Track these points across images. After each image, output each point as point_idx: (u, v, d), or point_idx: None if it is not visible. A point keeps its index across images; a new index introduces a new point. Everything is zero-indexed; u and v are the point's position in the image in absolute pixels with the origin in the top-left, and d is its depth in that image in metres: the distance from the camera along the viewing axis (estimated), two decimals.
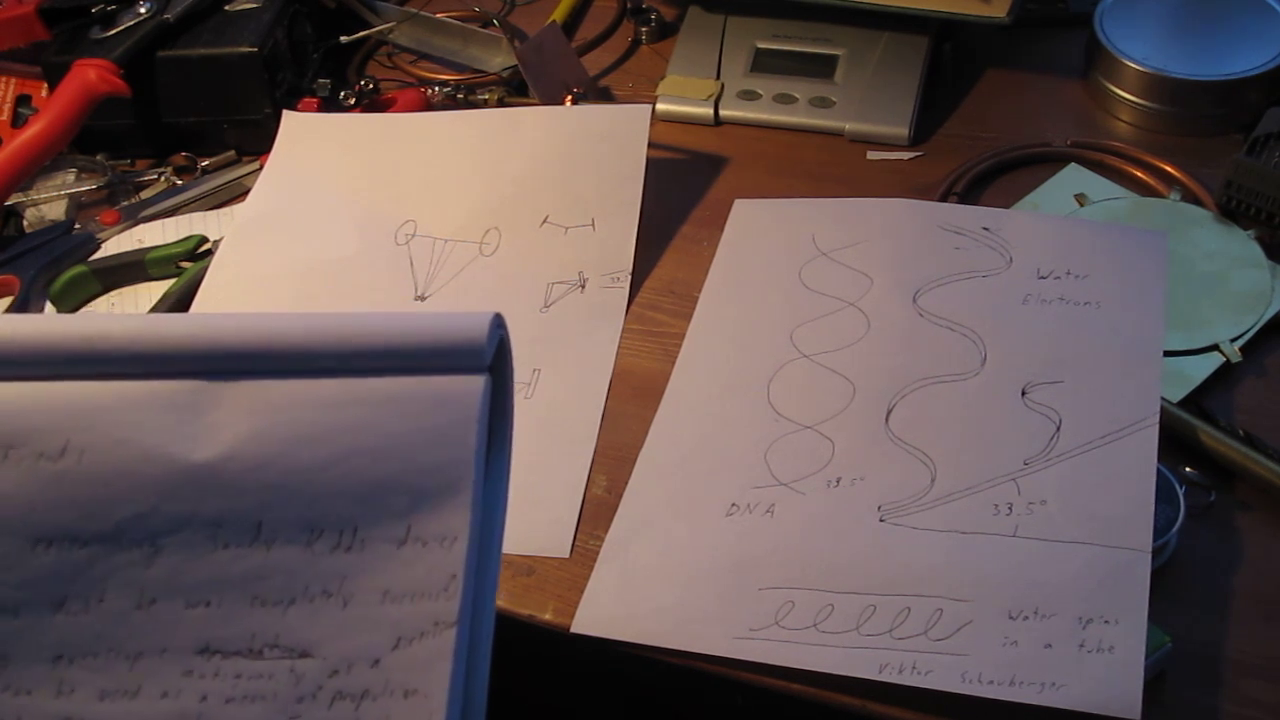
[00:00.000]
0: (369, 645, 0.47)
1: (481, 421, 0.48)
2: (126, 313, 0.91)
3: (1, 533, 0.48)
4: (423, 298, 0.87)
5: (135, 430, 0.48)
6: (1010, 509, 0.68)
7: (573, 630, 0.69)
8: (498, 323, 0.49)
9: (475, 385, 0.48)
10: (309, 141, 0.96)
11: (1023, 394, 0.72)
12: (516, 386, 0.81)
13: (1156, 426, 0.69)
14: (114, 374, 0.49)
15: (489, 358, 0.49)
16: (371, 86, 1.02)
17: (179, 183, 1.01)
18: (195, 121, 1.01)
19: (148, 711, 0.48)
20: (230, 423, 0.48)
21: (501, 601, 0.71)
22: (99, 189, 1.01)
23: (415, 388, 0.48)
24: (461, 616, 0.47)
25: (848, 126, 0.97)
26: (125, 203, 1.00)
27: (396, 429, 0.48)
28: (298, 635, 0.48)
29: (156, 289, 0.93)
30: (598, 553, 0.72)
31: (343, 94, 1.01)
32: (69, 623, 0.48)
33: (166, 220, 0.98)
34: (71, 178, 1.03)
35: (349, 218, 0.92)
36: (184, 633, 0.48)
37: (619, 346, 0.83)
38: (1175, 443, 0.73)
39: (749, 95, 1.00)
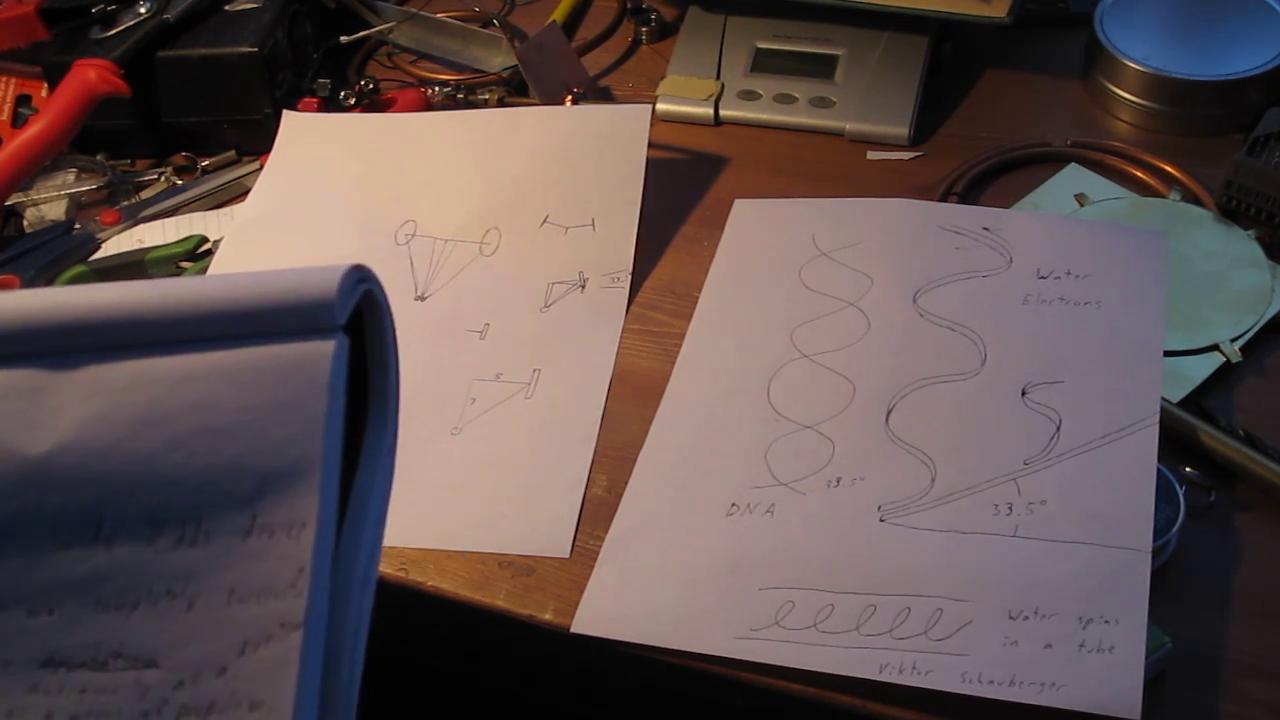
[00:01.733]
0: (215, 652, 0.43)
1: (334, 390, 0.42)
2: None
3: None
4: (423, 298, 0.87)
5: None
6: (1010, 509, 0.68)
7: (573, 630, 0.69)
8: (357, 275, 0.43)
9: (324, 350, 0.42)
10: (309, 141, 0.96)
11: (1023, 394, 0.72)
12: (516, 386, 0.81)
13: (1156, 426, 0.69)
14: None
15: (343, 316, 0.43)
16: (371, 86, 1.02)
17: (179, 183, 1.01)
18: (195, 121, 1.01)
19: None
20: (69, 408, 0.44)
21: (501, 601, 0.71)
22: (99, 189, 1.01)
23: (262, 356, 0.43)
24: (310, 617, 0.42)
25: (848, 126, 0.97)
26: (125, 203, 1.00)
27: (241, 403, 0.43)
28: (143, 643, 0.44)
29: None
30: (598, 553, 0.72)
31: (343, 94, 1.01)
32: None
33: (166, 220, 0.98)
34: (71, 178, 1.03)
35: (349, 218, 0.92)
36: (28, 644, 0.44)
37: (619, 346, 0.83)
38: (1175, 443, 0.73)
39: (749, 95, 1.00)
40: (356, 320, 0.44)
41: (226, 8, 1.01)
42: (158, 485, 0.44)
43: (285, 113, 0.97)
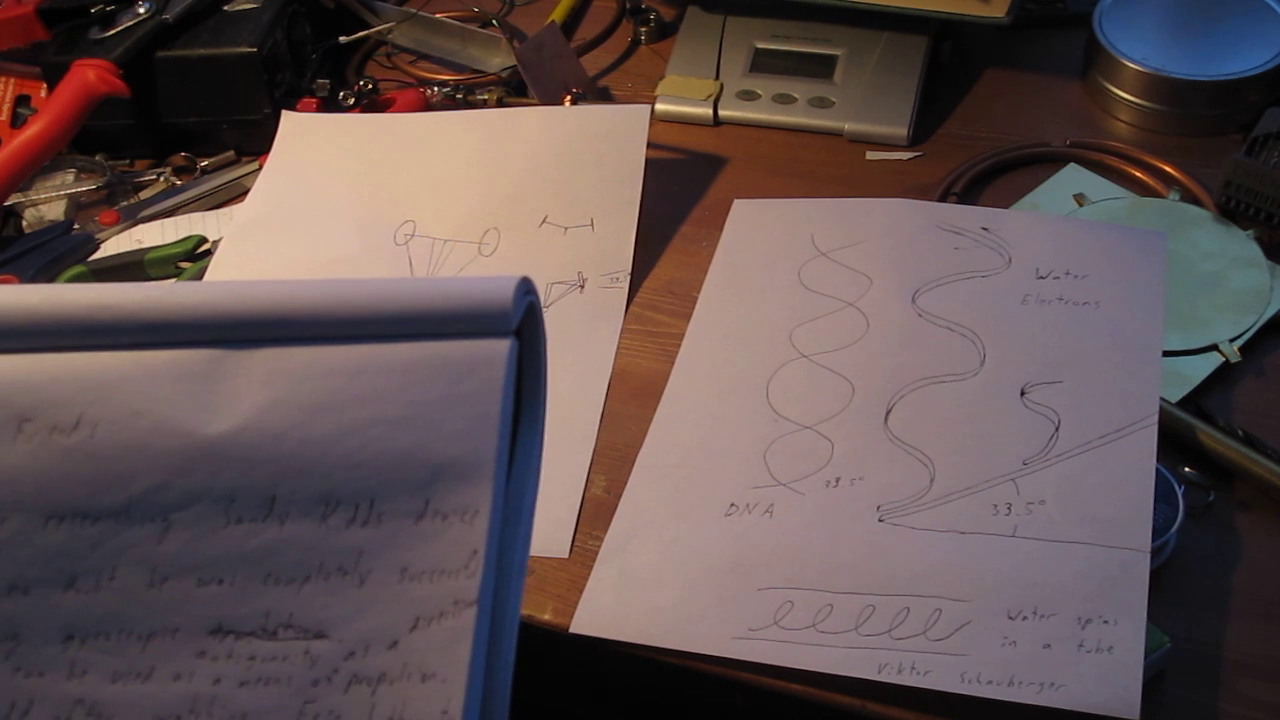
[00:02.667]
0: (386, 625, 0.45)
1: (507, 388, 0.46)
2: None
3: (14, 509, 0.47)
4: None
5: (149, 402, 0.47)
6: (1009, 509, 0.68)
7: (572, 630, 0.69)
8: (525, 287, 0.47)
9: (500, 350, 0.46)
10: (308, 141, 0.96)
11: (1022, 394, 0.72)
12: None
13: (1156, 426, 0.69)
14: (127, 344, 0.47)
15: (516, 321, 0.46)
16: (371, 86, 1.02)
17: (178, 183, 1.01)
18: (195, 121, 1.01)
19: (160, 694, 0.46)
20: (246, 392, 0.46)
21: None
22: (98, 189, 1.01)
23: (437, 353, 0.46)
24: (483, 595, 0.45)
25: (847, 126, 0.97)
26: (124, 203, 1.00)
27: (417, 396, 0.46)
28: (313, 615, 0.46)
29: None
30: (597, 553, 0.72)
31: (342, 94, 1.01)
32: (80, 601, 0.47)
33: (166, 220, 0.98)
34: (71, 178, 1.03)
35: (348, 218, 0.92)
36: (196, 612, 0.46)
37: (618, 346, 0.83)
38: (1174, 443, 0.73)
39: (748, 95, 1.00)
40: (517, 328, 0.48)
41: (226, 8, 1.01)
42: (331, 468, 0.46)
43: (284, 113, 0.97)
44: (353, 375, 0.46)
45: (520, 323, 0.47)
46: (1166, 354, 0.75)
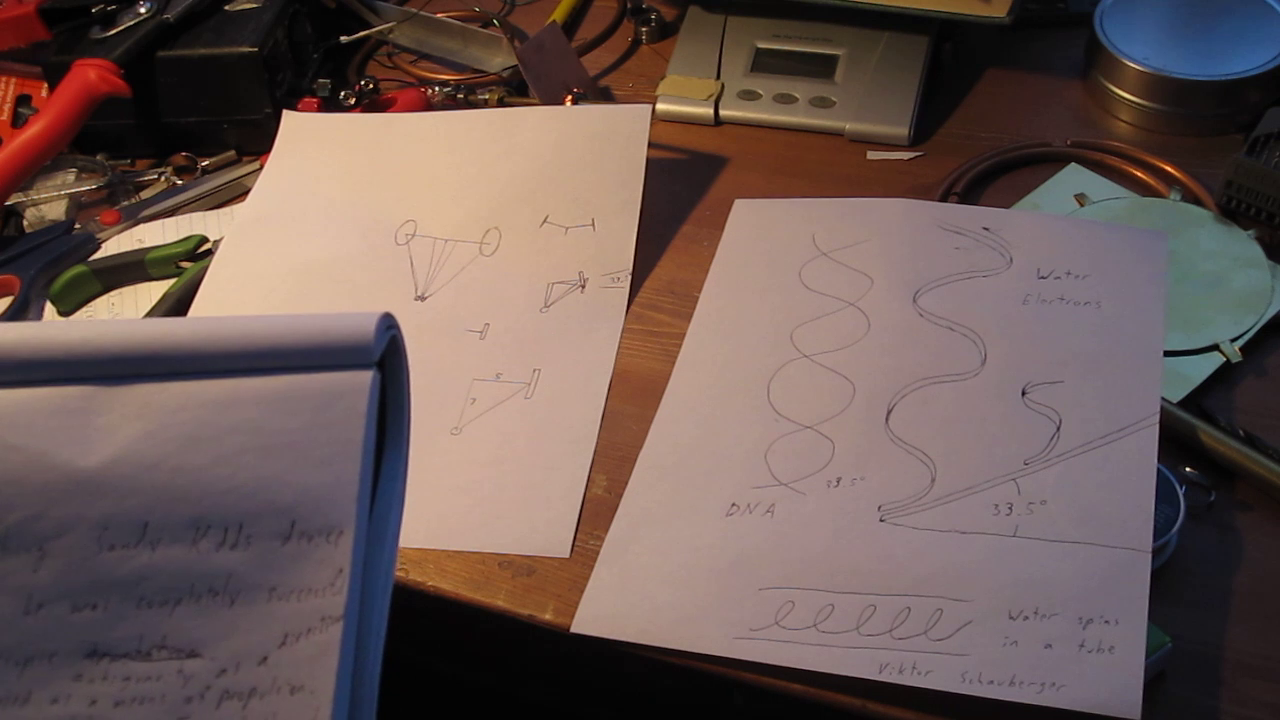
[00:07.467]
0: (256, 643, 0.48)
1: (369, 416, 0.49)
2: (29, 320, 0.92)
3: None
4: (423, 298, 0.87)
5: (25, 436, 0.49)
6: (1010, 509, 0.68)
7: (573, 630, 0.69)
8: (388, 321, 0.50)
9: (363, 381, 0.49)
10: (309, 141, 0.96)
11: (1023, 394, 0.72)
12: (516, 386, 0.81)
13: (1157, 426, 0.69)
14: (3, 382, 0.49)
15: (377, 354, 0.50)
16: (371, 86, 1.02)
17: (179, 183, 1.02)
18: (195, 121, 1.02)
19: (38, 717, 0.48)
20: (120, 426, 0.49)
21: (501, 601, 0.71)
22: (99, 189, 1.02)
23: (304, 385, 0.49)
24: (348, 611, 0.48)
25: (848, 126, 0.97)
26: (125, 203, 1.00)
27: (284, 425, 0.49)
28: (185, 635, 0.48)
29: (157, 289, 0.93)
30: (598, 553, 0.72)
31: (343, 94, 1.01)
32: None
33: (166, 220, 0.98)
34: (71, 178, 1.03)
35: (349, 218, 0.92)
36: (72, 637, 0.48)
37: (619, 346, 0.83)
38: (1175, 443, 0.73)
39: (749, 95, 1.00)
40: (379, 360, 0.50)
41: (226, 8, 1.02)
42: (202, 495, 0.49)
43: (285, 113, 0.97)
44: (224, 407, 0.49)
45: (383, 355, 0.50)
46: (1168, 354, 0.75)
